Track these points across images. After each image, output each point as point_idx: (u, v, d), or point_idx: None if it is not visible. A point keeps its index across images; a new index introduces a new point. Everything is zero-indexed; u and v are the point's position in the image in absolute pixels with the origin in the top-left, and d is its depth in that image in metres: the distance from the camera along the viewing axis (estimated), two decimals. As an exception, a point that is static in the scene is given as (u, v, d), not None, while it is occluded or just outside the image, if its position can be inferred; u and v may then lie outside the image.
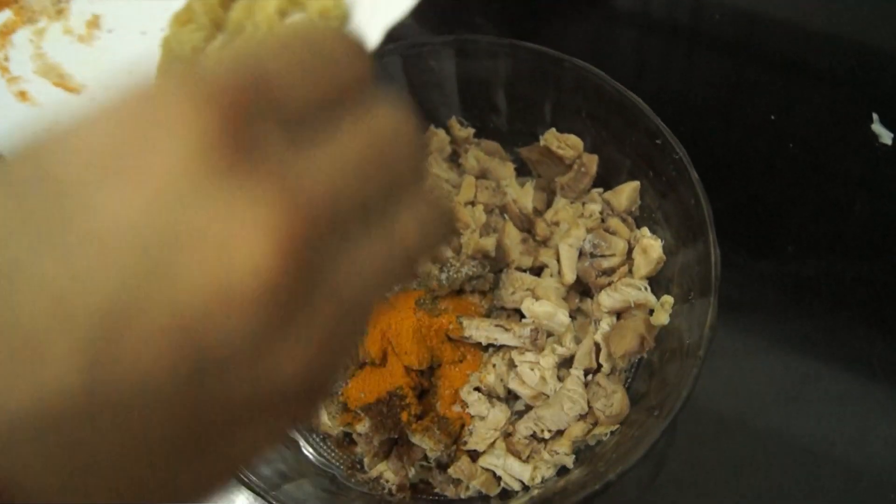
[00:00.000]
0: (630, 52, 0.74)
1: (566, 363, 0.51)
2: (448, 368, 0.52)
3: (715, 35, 0.73)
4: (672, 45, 0.74)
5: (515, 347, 0.51)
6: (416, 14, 0.35)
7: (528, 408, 0.51)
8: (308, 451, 0.52)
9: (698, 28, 0.74)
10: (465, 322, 0.51)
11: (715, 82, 0.71)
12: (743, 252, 0.61)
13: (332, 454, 0.52)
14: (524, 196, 0.56)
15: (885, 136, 0.64)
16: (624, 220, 0.55)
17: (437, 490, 0.51)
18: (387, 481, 0.51)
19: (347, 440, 0.53)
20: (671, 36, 0.74)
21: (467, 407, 0.50)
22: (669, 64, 0.73)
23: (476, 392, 0.51)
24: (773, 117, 0.66)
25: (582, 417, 0.50)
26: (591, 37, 0.76)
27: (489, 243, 0.53)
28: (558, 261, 0.54)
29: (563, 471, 0.50)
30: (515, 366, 0.50)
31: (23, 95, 0.41)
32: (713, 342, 0.46)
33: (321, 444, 0.53)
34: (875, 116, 0.65)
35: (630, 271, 0.54)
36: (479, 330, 0.51)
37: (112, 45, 0.42)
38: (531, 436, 0.50)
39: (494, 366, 0.51)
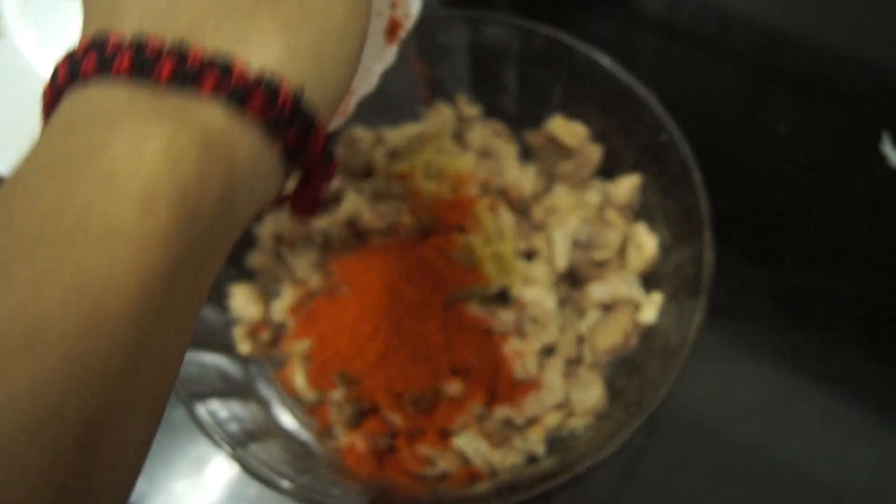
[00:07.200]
0: (650, 54, 0.73)
1: (548, 351, 0.51)
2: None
3: (738, 47, 0.72)
4: (693, 52, 0.73)
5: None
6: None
7: (505, 392, 0.50)
8: (279, 413, 0.52)
9: (722, 38, 0.73)
10: (450, 300, 0.50)
11: (732, 92, 0.70)
12: (741, 258, 0.60)
13: (303, 419, 0.52)
14: (524, 178, 0.55)
15: (894, 158, 0.63)
16: (621, 214, 0.54)
17: (404, 465, 0.50)
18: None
19: (319, 406, 0.52)
20: (693, 43, 0.73)
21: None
22: (688, 69, 0.72)
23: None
24: (785, 131, 0.65)
25: (558, 407, 0.49)
26: (612, 35, 0.75)
27: (483, 223, 0.53)
28: (551, 247, 0.53)
29: (532, 459, 0.49)
30: (496, 349, 0.50)
31: None
32: (699, 346, 0.45)
33: (293, 407, 0.52)
34: (885, 137, 0.64)
35: (623, 265, 0.53)
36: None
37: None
38: (505, 421, 0.49)
39: (475, 347, 0.50)
